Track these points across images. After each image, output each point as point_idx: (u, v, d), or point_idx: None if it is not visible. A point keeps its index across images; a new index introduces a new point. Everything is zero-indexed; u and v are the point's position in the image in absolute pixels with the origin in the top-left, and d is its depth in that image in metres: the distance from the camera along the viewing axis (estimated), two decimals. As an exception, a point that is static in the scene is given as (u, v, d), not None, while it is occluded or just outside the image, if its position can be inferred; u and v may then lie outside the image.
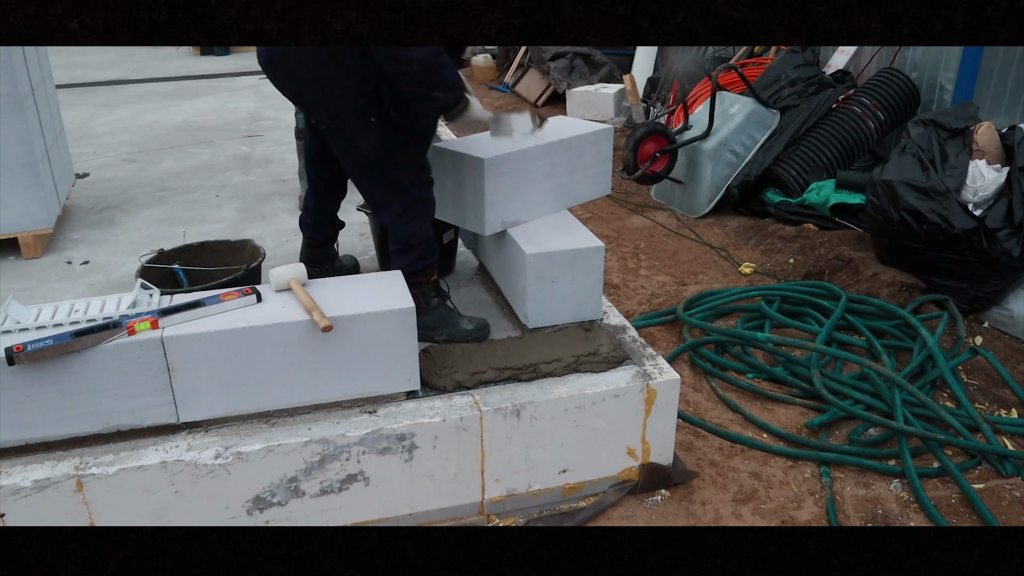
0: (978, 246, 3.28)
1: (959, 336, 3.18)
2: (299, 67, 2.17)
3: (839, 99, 4.97)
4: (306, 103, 2.31)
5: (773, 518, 2.33)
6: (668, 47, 7.07)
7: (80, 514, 1.90)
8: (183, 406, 1.98)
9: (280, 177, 4.37)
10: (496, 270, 2.81)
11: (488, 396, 2.16)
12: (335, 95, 2.18)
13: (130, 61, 9.57)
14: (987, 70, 4.45)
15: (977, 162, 3.48)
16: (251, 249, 2.69)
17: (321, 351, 2.01)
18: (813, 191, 4.57)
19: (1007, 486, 2.45)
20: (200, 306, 1.99)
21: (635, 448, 2.32)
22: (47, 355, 1.82)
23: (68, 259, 3.21)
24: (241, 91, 7.42)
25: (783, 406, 2.88)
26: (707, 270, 4.14)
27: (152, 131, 5.68)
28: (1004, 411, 2.86)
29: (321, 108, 2.26)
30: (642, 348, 2.41)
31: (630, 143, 4.74)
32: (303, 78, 2.18)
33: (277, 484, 2.01)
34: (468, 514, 2.24)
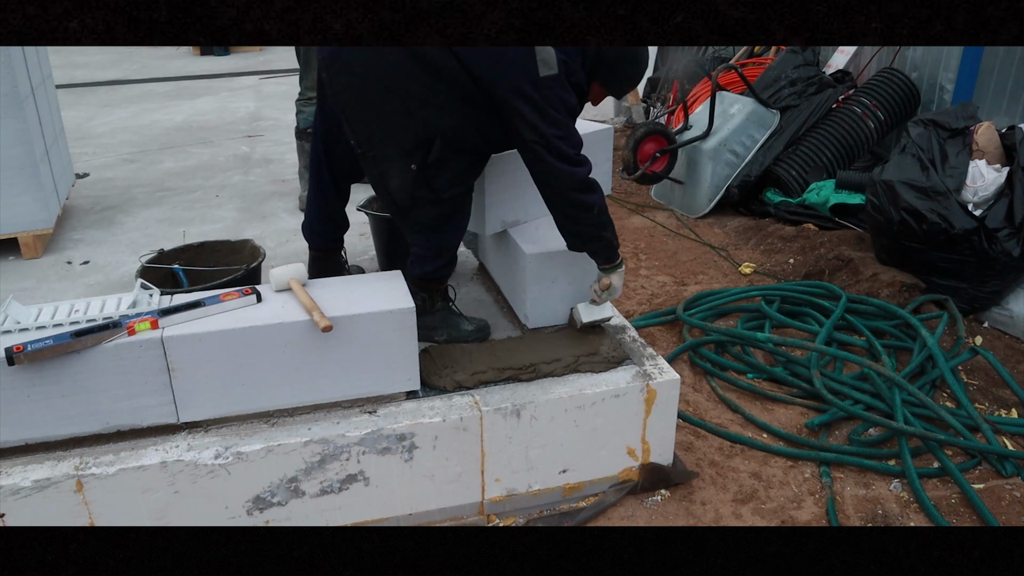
0: (978, 246, 3.28)
1: (959, 336, 3.18)
2: (365, 84, 2.05)
3: (839, 99, 4.97)
4: (352, 119, 2.14)
5: (773, 518, 2.33)
6: (668, 47, 7.07)
7: (80, 514, 1.90)
8: (183, 406, 1.98)
9: (280, 177, 4.37)
10: (496, 270, 2.81)
11: (488, 396, 2.16)
12: (388, 128, 2.09)
13: (130, 61, 9.58)
14: (987, 70, 4.45)
15: (977, 162, 3.48)
16: (251, 249, 2.68)
17: (321, 351, 2.01)
18: (813, 191, 4.57)
19: (1007, 486, 2.45)
20: (200, 306, 1.99)
21: (635, 448, 2.32)
22: (47, 355, 1.82)
23: (68, 259, 3.21)
24: (241, 91, 7.42)
25: (783, 406, 2.88)
26: (707, 270, 4.14)
27: (152, 131, 5.68)
28: (1004, 411, 2.86)
29: (366, 133, 2.13)
30: (642, 348, 2.41)
31: (630, 143, 4.74)
32: (365, 96, 2.07)
33: (277, 484, 2.01)
34: (468, 514, 2.25)
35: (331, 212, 2.59)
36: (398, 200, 2.20)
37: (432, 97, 2.04)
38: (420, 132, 2.08)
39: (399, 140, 2.10)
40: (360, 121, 2.13)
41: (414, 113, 2.06)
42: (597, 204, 2.18)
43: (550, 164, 2.09)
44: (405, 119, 2.07)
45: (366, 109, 2.09)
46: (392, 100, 2.05)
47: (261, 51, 10.60)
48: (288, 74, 8.32)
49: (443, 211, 2.24)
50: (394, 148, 2.11)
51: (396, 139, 2.10)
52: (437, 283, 2.39)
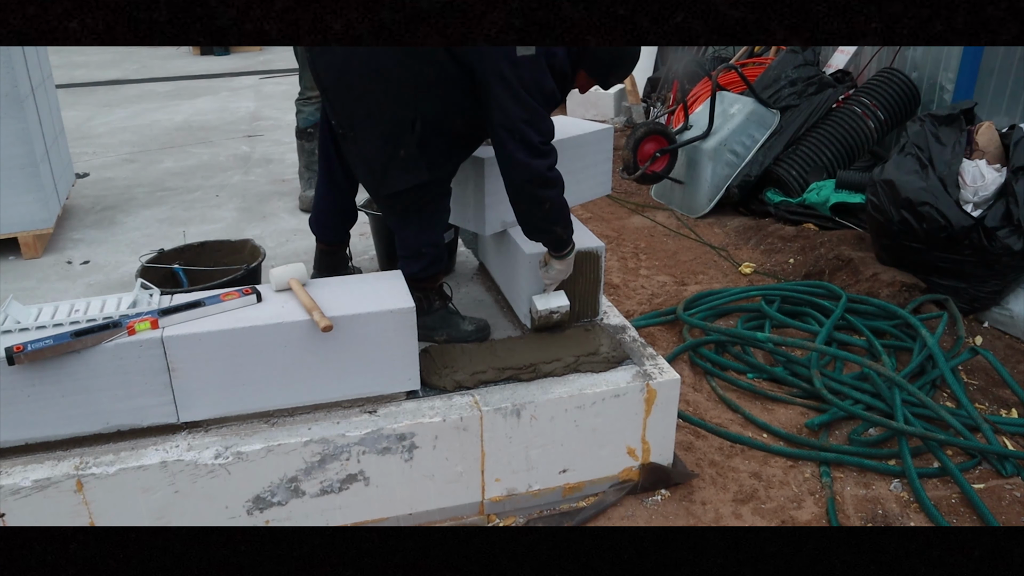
0: (977, 244, 3.28)
1: (959, 336, 3.18)
2: (347, 65, 2.05)
3: (839, 99, 4.98)
4: (334, 100, 2.16)
5: (773, 518, 2.33)
6: (668, 47, 7.07)
7: (80, 514, 1.90)
8: (183, 406, 1.98)
9: (280, 177, 4.37)
10: (496, 270, 2.81)
11: (488, 396, 2.16)
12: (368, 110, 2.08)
13: (130, 61, 9.58)
14: (987, 70, 4.46)
15: (977, 162, 3.48)
16: (251, 249, 2.68)
17: (321, 351, 2.01)
18: (813, 191, 4.57)
19: (1007, 486, 2.45)
20: (200, 306, 1.99)
21: (635, 448, 2.32)
22: (47, 355, 1.82)
23: (68, 259, 3.21)
24: (241, 91, 7.42)
25: (783, 406, 2.88)
26: (707, 270, 4.14)
27: (152, 131, 5.68)
28: (1004, 411, 2.86)
29: (347, 114, 2.14)
30: (642, 348, 2.41)
31: (630, 143, 4.74)
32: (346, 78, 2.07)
33: (277, 484, 2.01)
34: (468, 514, 2.25)
35: (342, 203, 2.58)
36: (376, 181, 2.19)
37: (413, 78, 2.04)
38: (401, 114, 2.07)
39: (380, 122, 2.10)
40: (341, 102, 2.14)
41: (395, 95, 2.05)
42: (550, 199, 2.16)
43: (510, 153, 2.07)
44: (386, 101, 2.06)
45: (348, 90, 2.10)
46: (373, 82, 2.05)
47: (261, 51, 10.60)
48: (288, 74, 8.32)
49: (420, 198, 2.23)
50: (375, 130, 2.11)
51: (376, 120, 2.10)
52: (428, 282, 2.40)
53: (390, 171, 2.14)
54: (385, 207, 2.32)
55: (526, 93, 2.02)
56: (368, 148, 2.15)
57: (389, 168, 2.14)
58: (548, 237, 2.27)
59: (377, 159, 2.14)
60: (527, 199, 2.17)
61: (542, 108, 2.08)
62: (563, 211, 2.23)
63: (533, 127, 2.06)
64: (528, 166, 2.09)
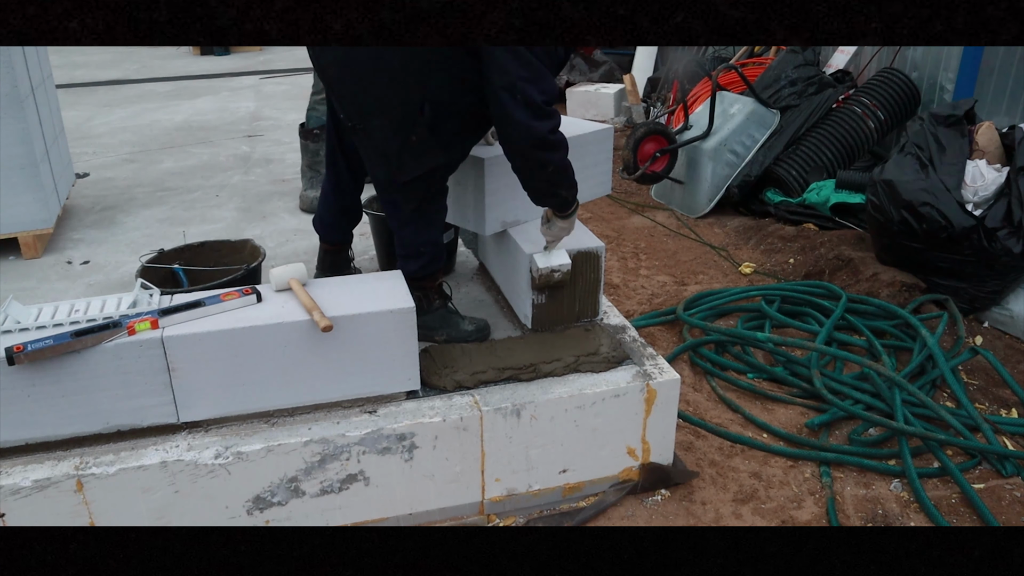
0: (977, 244, 3.28)
1: (959, 336, 3.18)
2: (350, 57, 2.04)
3: (839, 99, 4.98)
4: (341, 94, 2.16)
5: (773, 518, 2.33)
6: (668, 47, 7.07)
7: (80, 514, 1.90)
8: (183, 406, 1.98)
9: (280, 177, 4.37)
10: (496, 270, 2.81)
11: (488, 396, 2.16)
12: (376, 99, 2.07)
13: (130, 61, 9.57)
14: (987, 70, 4.46)
15: (977, 162, 3.48)
16: (251, 249, 2.68)
17: (321, 351, 2.01)
18: (813, 191, 4.57)
19: (1007, 486, 2.45)
20: (200, 306, 1.99)
21: (635, 448, 2.32)
22: (47, 355, 1.82)
23: (68, 259, 3.21)
24: (241, 91, 7.42)
25: (783, 406, 2.88)
26: (707, 270, 4.14)
27: (152, 131, 5.68)
28: (1004, 411, 2.85)
29: (355, 106, 2.13)
30: (642, 348, 2.41)
31: (630, 143, 4.74)
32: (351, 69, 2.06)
33: (277, 484, 2.01)
34: (468, 514, 2.25)
35: (347, 203, 2.58)
36: (393, 170, 2.16)
37: (417, 62, 2.02)
38: (409, 99, 2.05)
39: (389, 109, 2.08)
40: (349, 95, 2.12)
41: (401, 81, 2.04)
42: (554, 162, 2.09)
43: (510, 115, 1.98)
44: (393, 88, 2.05)
45: (354, 82, 2.08)
46: (378, 71, 2.03)
47: (261, 51, 10.59)
48: (288, 74, 8.32)
49: (439, 182, 2.23)
50: (384, 118, 2.09)
51: (385, 109, 2.08)
52: (427, 281, 2.39)
53: (404, 158, 2.13)
54: (402, 197, 2.28)
55: (526, 49, 1.95)
56: (380, 137, 2.13)
57: (403, 155, 2.12)
58: (553, 200, 2.21)
59: (391, 147, 2.12)
60: (532, 163, 2.09)
61: (543, 66, 2.01)
62: (567, 173, 2.15)
63: (534, 85, 1.96)
64: (529, 128, 1.99)
